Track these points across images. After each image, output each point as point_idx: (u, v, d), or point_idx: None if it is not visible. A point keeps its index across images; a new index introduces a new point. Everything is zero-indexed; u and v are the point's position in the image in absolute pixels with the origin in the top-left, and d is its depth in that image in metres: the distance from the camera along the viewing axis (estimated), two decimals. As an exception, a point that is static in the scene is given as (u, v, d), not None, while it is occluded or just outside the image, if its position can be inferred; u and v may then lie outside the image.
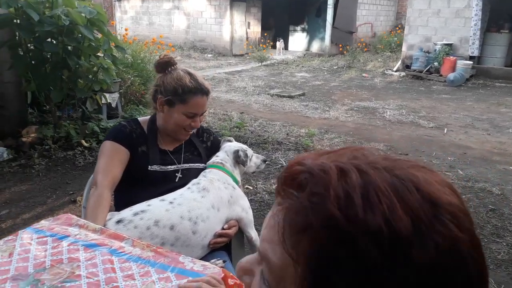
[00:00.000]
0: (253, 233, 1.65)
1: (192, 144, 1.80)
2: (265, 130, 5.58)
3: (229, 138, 1.90)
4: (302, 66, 13.17)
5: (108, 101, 5.25)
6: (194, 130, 1.87)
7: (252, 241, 1.66)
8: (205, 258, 1.51)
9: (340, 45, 14.49)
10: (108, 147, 1.60)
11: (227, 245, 1.65)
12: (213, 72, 11.35)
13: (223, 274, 0.99)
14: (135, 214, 1.38)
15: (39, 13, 3.82)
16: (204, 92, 1.66)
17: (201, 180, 1.58)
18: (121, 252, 1.07)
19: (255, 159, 1.83)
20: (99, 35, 4.51)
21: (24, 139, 4.81)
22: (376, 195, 0.39)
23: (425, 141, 5.35)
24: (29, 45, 4.21)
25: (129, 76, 5.67)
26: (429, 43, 10.73)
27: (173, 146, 1.74)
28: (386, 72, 11.51)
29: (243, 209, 1.62)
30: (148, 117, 1.76)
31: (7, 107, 4.90)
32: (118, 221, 1.36)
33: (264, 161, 1.90)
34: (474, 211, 3.42)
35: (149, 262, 1.03)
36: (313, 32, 16.47)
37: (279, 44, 15.01)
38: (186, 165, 1.71)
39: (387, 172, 0.42)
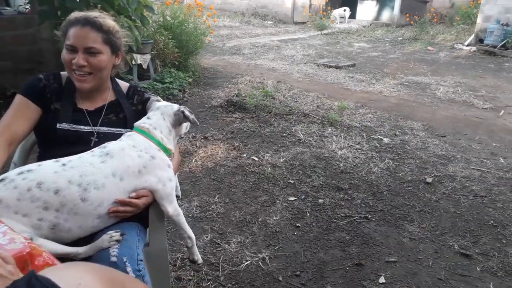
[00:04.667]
0: (170, 208, 1.48)
1: (118, 105, 1.63)
2: (296, 101, 5.29)
3: (153, 95, 1.69)
4: (364, 36, 12.38)
5: (139, 62, 5.26)
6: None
7: (169, 216, 1.50)
8: (107, 229, 1.38)
9: (407, 15, 13.33)
10: (16, 101, 1.50)
11: (143, 216, 1.51)
12: (267, 39, 11.04)
13: (27, 251, 0.86)
14: (20, 173, 1.27)
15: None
16: (86, 23, 1.47)
17: (110, 144, 1.43)
18: None
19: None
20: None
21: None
22: None
23: (472, 123, 4.74)
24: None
25: (162, 38, 5.61)
26: (509, 14, 9.46)
27: (94, 106, 1.58)
28: (456, 46, 10.42)
29: (160, 180, 1.45)
30: None
31: (45, 63, 5.10)
32: (1, 180, 1.27)
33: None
34: (502, 206, 2.95)
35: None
36: (384, 1, 15.32)
37: (338, 12, 14.23)
38: (104, 129, 1.55)
39: None
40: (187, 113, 1.59)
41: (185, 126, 1.70)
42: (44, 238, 1.25)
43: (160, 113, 1.58)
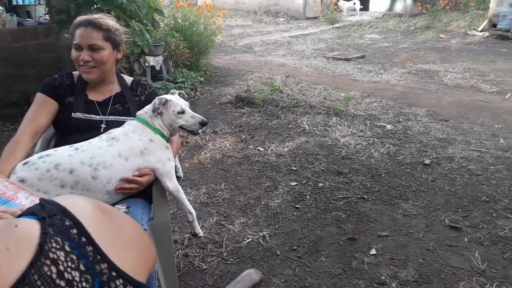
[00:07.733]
0: (170, 184, 1.70)
1: (122, 96, 1.87)
2: (303, 94, 5.47)
3: (173, 90, 1.90)
4: (376, 28, 12.40)
5: (151, 63, 5.54)
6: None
7: (170, 192, 1.72)
8: (115, 205, 1.61)
9: (419, 4, 13.23)
10: (37, 98, 1.76)
11: (148, 194, 1.74)
12: (279, 36, 11.21)
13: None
14: (40, 157, 1.52)
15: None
16: (88, 24, 1.71)
17: (115, 130, 1.66)
18: None
19: (188, 117, 1.74)
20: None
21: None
22: None
23: (476, 107, 4.81)
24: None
25: (174, 39, 5.87)
26: (522, -3, 9.33)
27: (102, 97, 1.83)
28: (469, 33, 10.35)
29: (159, 160, 1.68)
30: None
31: (64, 69, 5.42)
32: (25, 163, 1.52)
33: (202, 123, 1.75)
34: (497, 183, 3.07)
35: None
36: (397, -10, 15.22)
37: (347, 5, 14.25)
38: (112, 117, 1.80)
39: None
40: (155, 100, 1.71)
41: (184, 121, 1.74)
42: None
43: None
